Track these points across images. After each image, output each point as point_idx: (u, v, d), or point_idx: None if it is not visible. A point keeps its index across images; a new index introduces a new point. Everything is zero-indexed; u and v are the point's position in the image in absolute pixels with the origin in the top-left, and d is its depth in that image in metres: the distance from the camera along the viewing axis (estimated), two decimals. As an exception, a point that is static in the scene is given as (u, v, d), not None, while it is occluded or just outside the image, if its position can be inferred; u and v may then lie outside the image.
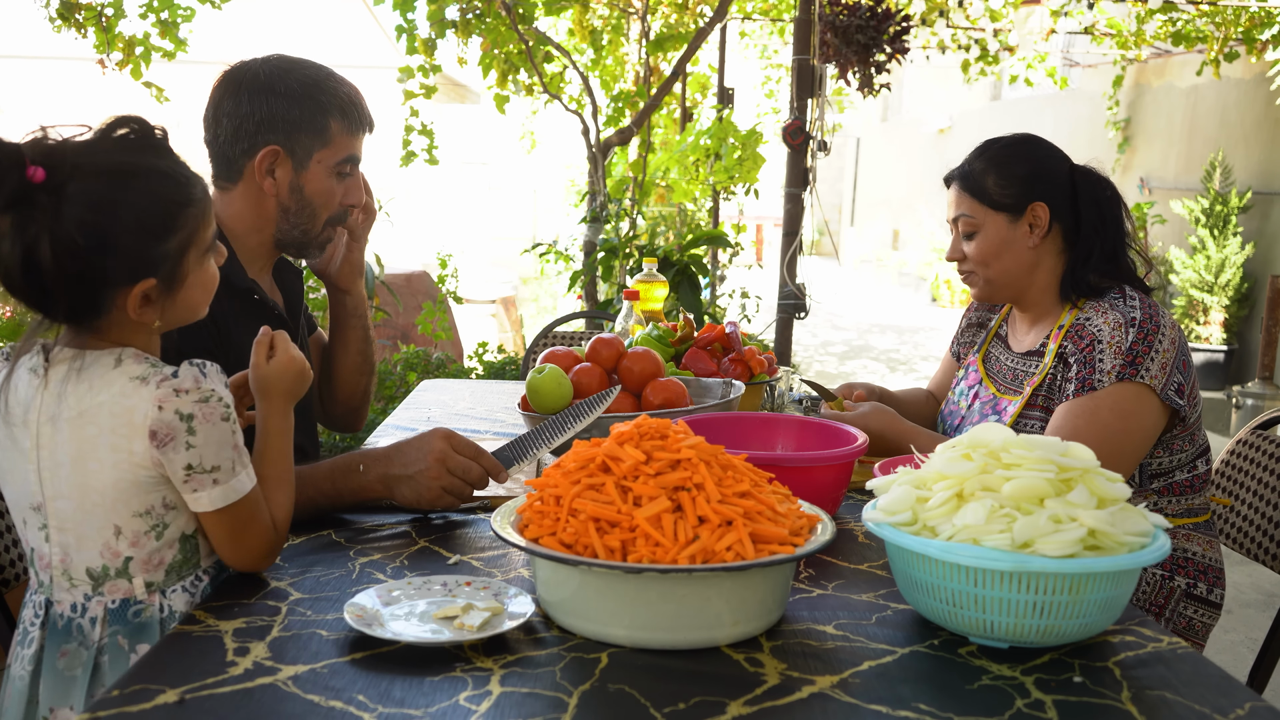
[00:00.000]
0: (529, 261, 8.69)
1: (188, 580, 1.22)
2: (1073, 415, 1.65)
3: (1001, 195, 1.77)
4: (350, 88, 1.64)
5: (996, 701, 0.95)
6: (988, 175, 1.79)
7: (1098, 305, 1.71)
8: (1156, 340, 1.64)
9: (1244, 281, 7.18)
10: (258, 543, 1.20)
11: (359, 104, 1.64)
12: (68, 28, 4.46)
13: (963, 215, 1.82)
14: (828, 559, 1.33)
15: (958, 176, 1.84)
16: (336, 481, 1.44)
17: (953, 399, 1.97)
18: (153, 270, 1.14)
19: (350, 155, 1.63)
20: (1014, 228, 1.78)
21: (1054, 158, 1.81)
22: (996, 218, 1.78)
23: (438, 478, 1.41)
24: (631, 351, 1.79)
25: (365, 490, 1.44)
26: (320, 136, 1.60)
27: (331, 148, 1.61)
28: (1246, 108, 7.63)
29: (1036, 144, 1.82)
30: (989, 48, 7.00)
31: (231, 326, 1.56)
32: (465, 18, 4.80)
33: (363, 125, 1.65)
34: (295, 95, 1.58)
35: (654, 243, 5.42)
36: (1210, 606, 1.73)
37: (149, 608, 1.19)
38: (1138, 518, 1.08)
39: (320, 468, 1.46)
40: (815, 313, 6.17)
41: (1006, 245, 1.79)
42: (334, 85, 1.61)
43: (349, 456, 1.47)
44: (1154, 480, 1.75)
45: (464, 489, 1.43)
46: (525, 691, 0.95)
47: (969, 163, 1.83)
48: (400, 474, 1.43)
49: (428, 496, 1.42)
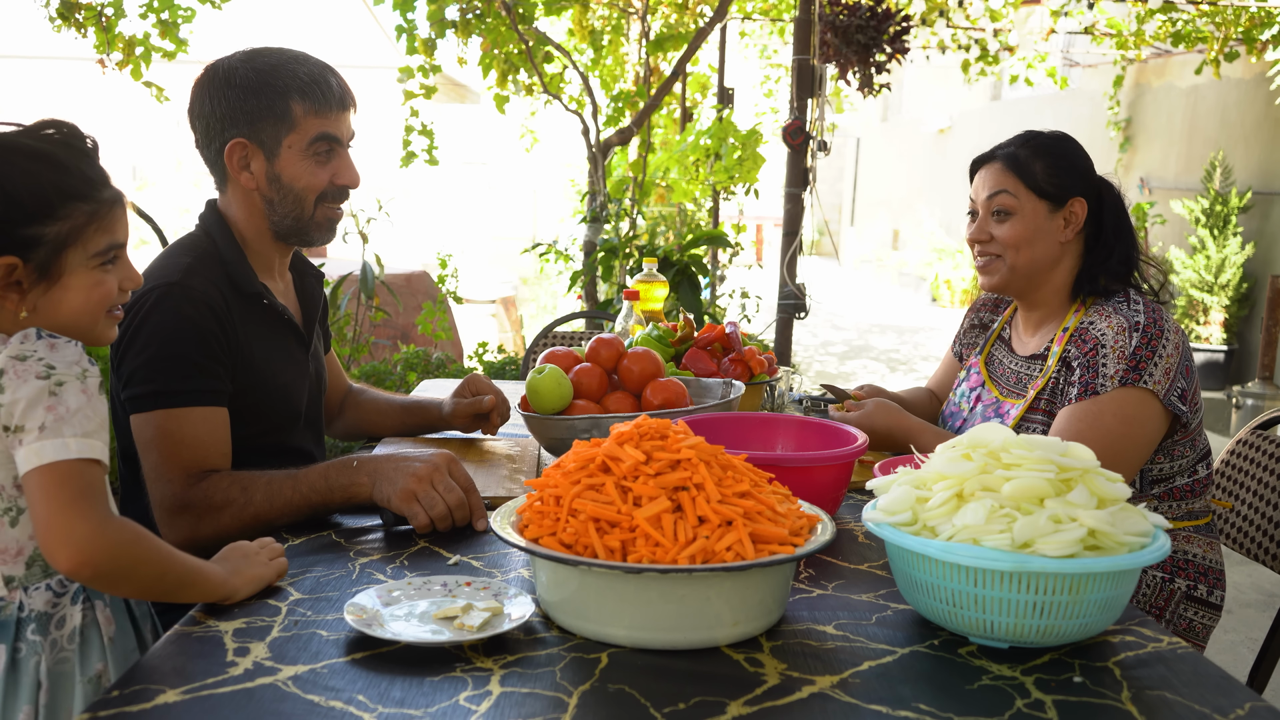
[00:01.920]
0: (529, 261, 8.69)
1: (55, 579, 1.15)
2: (1075, 419, 1.64)
3: (1048, 183, 1.76)
4: (313, 67, 1.59)
5: (996, 701, 0.95)
6: (1036, 160, 1.77)
7: (1102, 309, 1.71)
8: (1160, 345, 1.64)
9: (1244, 281, 7.18)
10: (70, 531, 1.02)
11: (322, 82, 1.58)
12: (68, 28, 4.46)
13: (1003, 192, 1.78)
14: (828, 559, 1.33)
15: (1001, 156, 1.81)
16: (330, 477, 1.43)
17: (954, 400, 1.97)
18: (19, 249, 1.11)
19: (322, 134, 1.58)
20: (1051, 218, 1.77)
21: (1088, 159, 1.81)
22: (1038, 204, 1.77)
23: (422, 479, 1.39)
24: (631, 351, 1.79)
25: (354, 486, 1.42)
26: (284, 120, 1.56)
27: (298, 131, 1.57)
28: (1246, 108, 7.63)
29: (1077, 143, 1.82)
30: (989, 48, 7.00)
31: (238, 330, 1.55)
32: (465, 18, 4.80)
33: (329, 103, 1.59)
34: (251, 85, 1.55)
35: (654, 243, 5.42)
36: (1210, 608, 1.73)
37: (8, 606, 1.12)
38: (1138, 518, 1.08)
39: (315, 467, 1.46)
40: (815, 313, 6.17)
41: (1040, 233, 1.77)
42: (293, 67, 1.57)
43: (345, 457, 1.47)
44: (1154, 485, 1.75)
45: (437, 503, 1.38)
46: (525, 691, 0.95)
47: (1014, 146, 1.81)
48: (389, 469, 1.41)
49: (400, 492, 1.38)
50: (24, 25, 8.83)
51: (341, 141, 1.63)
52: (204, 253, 1.59)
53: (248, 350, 1.57)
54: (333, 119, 1.60)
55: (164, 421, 1.45)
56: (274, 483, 1.43)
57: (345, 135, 1.63)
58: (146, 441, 1.46)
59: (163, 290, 1.49)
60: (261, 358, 1.59)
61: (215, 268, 1.57)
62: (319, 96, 1.57)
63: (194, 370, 1.47)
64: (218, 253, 1.60)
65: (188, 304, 1.49)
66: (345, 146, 1.64)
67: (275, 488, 1.43)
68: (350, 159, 1.65)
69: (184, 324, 1.48)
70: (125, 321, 1.49)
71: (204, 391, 1.48)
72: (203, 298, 1.50)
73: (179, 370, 1.46)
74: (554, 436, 1.70)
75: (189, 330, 1.48)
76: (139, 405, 1.47)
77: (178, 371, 1.46)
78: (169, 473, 1.44)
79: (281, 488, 1.43)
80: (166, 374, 1.46)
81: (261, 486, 1.43)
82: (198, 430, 1.47)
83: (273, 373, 1.62)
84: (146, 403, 1.46)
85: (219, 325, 1.51)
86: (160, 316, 1.48)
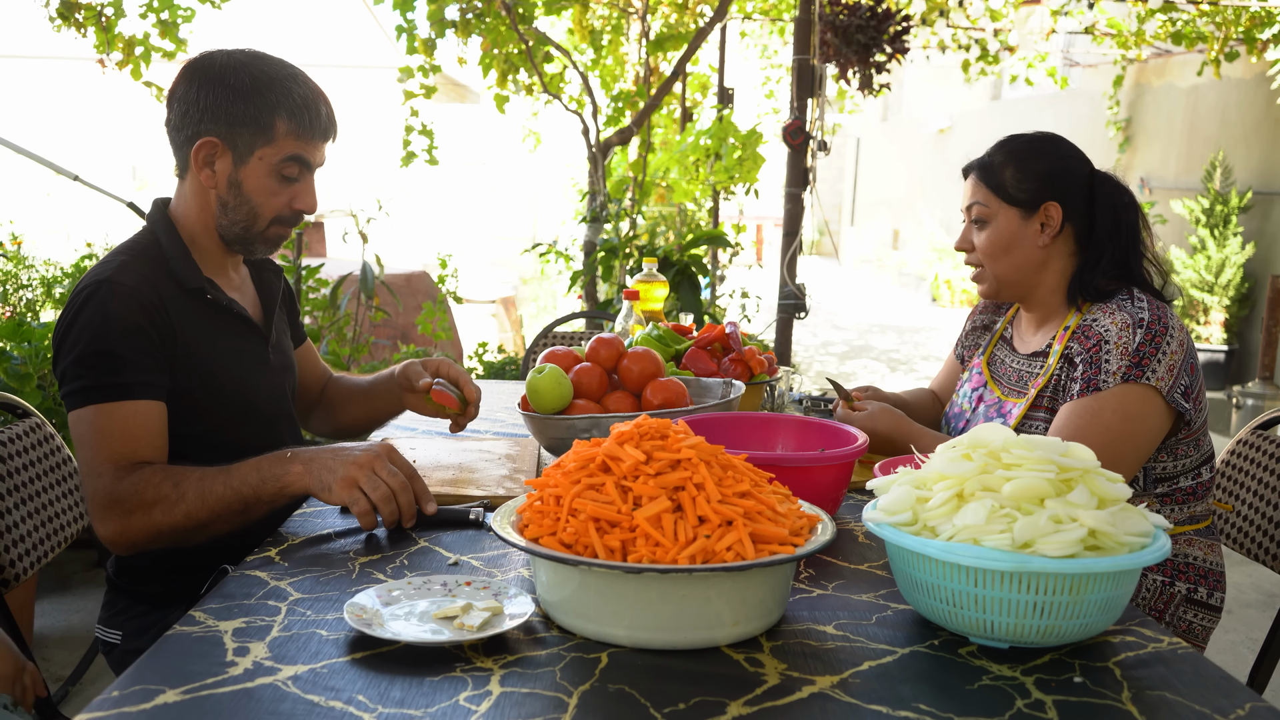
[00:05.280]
0: (529, 261, 8.69)
1: None
2: (1076, 415, 1.64)
3: (1017, 190, 1.77)
4: (308, 91, 1.58)
5: (996, 702, 0.95)
6: (1006, 168, 1.78)
7: (1105, 306, 1.71)
8: (1164, 342, 1.63)
9: (1244, 281, 7.18)
10: None
11: (314, 109, 1.58)
12: (68, 27, 4.47)
13: (976, 203, 1.81)
14: (828, 559, 1.33)
15: (976, 167, 1.83)
16: (262, 469, 1.41)
17: (957, 401, 1.97)
18: None
19: (296, 155, 1.58)
20: (1025, 224, 1.77)
21: (1074, 159, 1.80)
22: (1009, 211, 1.78)
23: (362, 466, 1.37)
24: (631, 351, 1.79)
25: (287, 476, 1.39)
26: (264, 133, 1.55)
27: (275, 146, 1.56)
28: (1246, 108, 7.63)
29: (1058, 143, 1.81)
30: (989, 47, 7.00)
31: (176, 325, 1.54)
32: (465, 18, 4.80)
33: (314, 130, 1.58)
34: (244, 90, 1.53)
35: (654, 243, 5.42)
36: (1210, 610, 1.72)
37: None
38: (1138, 518, 1.08)
39: (248, 460, 1.43)
40: (815, 313, 6.17)
41: (1015, 241, 1.78)
42: (289, 85, 1.56)
43: (279, 451, 1.44)
44: (1158, 485, 1.74)
45: (379, 486, 1.37)
46: (525, 691, 0.95)
47: (990, 154, 1.82)
48: (326, 457, 1.39)
49: (342, 480, 1.36)
50: (24, 25, 8.82)
51: (311, 167, 1.62)
52: (144, 250, 1.58)
53: (192, 345, 1.56)
54: (311, 146, 1.59)
55: (95, 417, 1.45)
56: (206, 477, 1.41)
57: (317, 162, 1.62)
58: (80, 437, 1.46)
59: (93, 288, 1.49)
60: (208, 353, 1.58)
61: (154, 264, 1.56)
62: (305, 121, 1.57)
63: (122, 365, 1.47)
64: (160, 249, 1.59)
65: (114, 300, 1.48)
66: (312, 172, 1.63)
67: (207, 483, 1.41)
68: (313, 185, 1.64)
69: (110, 319, 1.47)
70: (60, 319, 1.51)
71: (134, 385, 1.47)
72: (131, 293, 1.49)
73: (107, 365, 1.46)
74: (554, 436, 1.70)
75: (116, 326, 1.47)
76: (72, 402, 1.47)
77: (106, 366, 1.46)
78: (99, 466, 1.44)
79: (214, 483, 1.41)
80: (96, 369, 1.46)
81: (194, 481, 1.41)
82: (128, 424, 1.46)
83: (222, 367, 1.60)
84: (78, 399, 1.46)
85: (150, 320, 1.50)
86: (89, 313, 1.48)
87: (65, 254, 5.37)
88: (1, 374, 2.95)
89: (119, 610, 1.63)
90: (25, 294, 4.41)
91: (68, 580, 3.33)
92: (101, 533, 1.44)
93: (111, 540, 1.45)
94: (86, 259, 4.48)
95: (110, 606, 1.65)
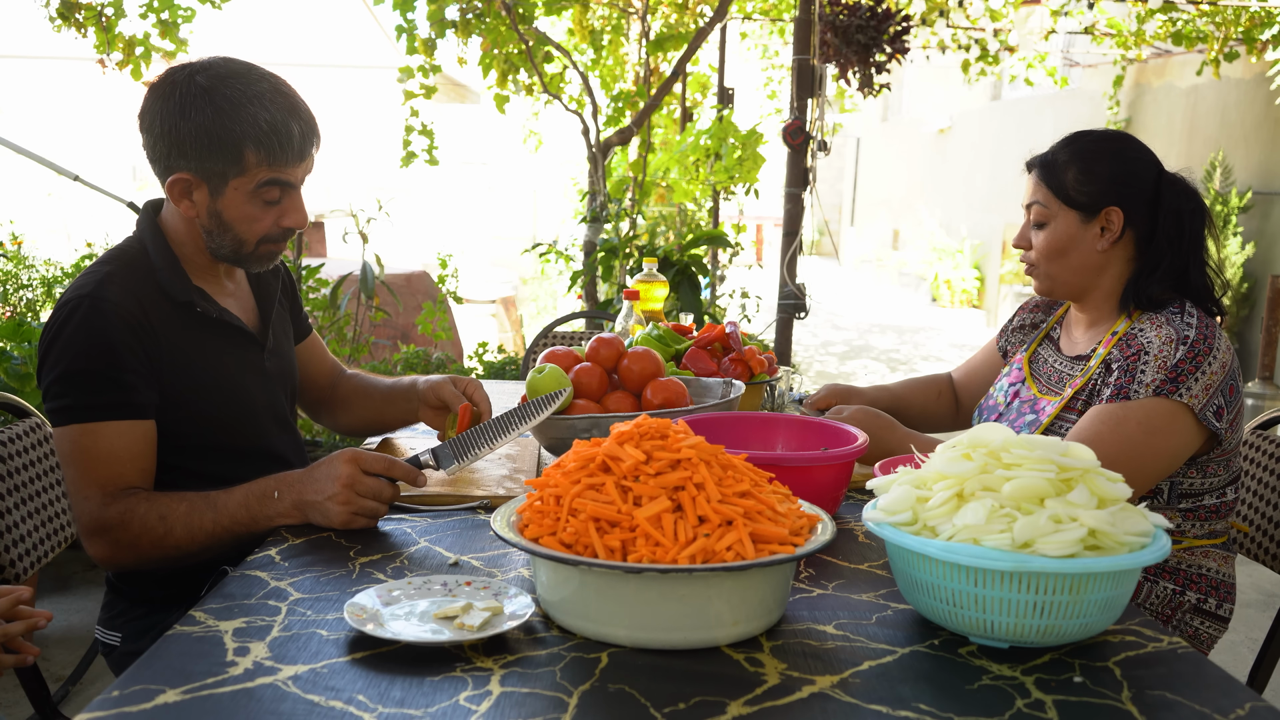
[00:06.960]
0: (529, 261, 8.69)
1: None
2: (1098, 419, 1.60)
3: (1078, 193, 1.71)
4: (276, 112, 1.49)
5: (996, 701, 0.95)
6: (1069, 169, 1.72)
7: (1154, 318, 1.66)
8: (1206, 362, 1.58)
9: (1244, 281, 7.18)
10: None
11: (284, 133, 1.49)
12: (68, 28, 4.46)
13: (1036, 203, 1.75)
14: (828, 559, 1.33)
15: (1039, 164, 1.77)
16: (251, 508, 1.41)
17: (993, 394, 1.93)
18: None
19: (271, 180, 1.51)
20: (1085, 228, 1.72)
21: (1142, 162, 1.73)
22: (1068, 214, 1.72)
23: (346, 503, 1.37)
24: (631, 351, 1.79)
25: (281, 516, 1.40)
26: (234, 165, 1.49)
27: (247, 176, 1.50)
28: (1246, 108, 7.63)
29: (1127, 144, 1.74)
30: (989, 47, 7.00)
31: (163, 338, 1.52)
32: (465, 18, 4.80)
33: (286, 156, 1.50)
34: (206, 124, 1.46)
35: (654, 243, 5.42)
36: (1218, 620, 1.70)
37: None
38: (1138, 518, 1.08)
39: (234, 494, 1.42)
40: (815, 313, 6.17)
41: (1073, 244, 1.73)
42: (254, 111, 1.47)
43: (263, 482, 1.43)
44: (1182, 500, 1.69)
45: (377, 509, 1.39)
46: (525, 691, 0.95)
47: (1054, 152, 1.76)
48: (312, 499, 1.39)
49: (338, 521, 1.38)
50: (24, 25, 8.82)
51: (294, 185, 1.56)
52: (130, 260, 1.55)
53: (180, 358, 1.53)
54: (287, 169, 1.53)
55: (79, 437, 1.44)
56: (194, 511, 1.41)
57: (298, 180, 1.56)
58: (65, 455, 1.45)
59: (75, 303, 1.46)
60: (199, 364, 1.56)
61: (141, 275, 1.53)
62: (274, 147, 1.49)
63: (106, 384, 1.44)
64: (148, 260, 1.55)
65: (98, 316, 1.45)
66: (297, 189, 1.57)
67: (195, 518, 1.41)
68: (300, 199, 1.58)
69: (94, 337, 1.44)
70: (43, 333, 1.48)
71: (118, 405, 1.45)
72: (114, 309, 1.46)
73: (90, 384, 1.44)
74: (554, 436, 1.69)
75: (99, 343, 1.44)
76: (56, 419, 1.45)
77: (89, 385, 1.44)
78: (85, 489, 1.43)
79: (201, 518, 1.41)
80: (79, 388, 1.44)
81: (181, 516, 1.41)
82: (113, 445, 1.44)
83: (213, 378, 1.58)
84: (61, 417, 1.44)
85: (134, 336, 1.47)
86: (72, 331, 1.45)
87: (65, 254, 5.37)
88: (1, 374, 2.95)
89: (119, 612, 1.63)
90: (25, 294, 4.42)
91: (68, 580, 3.33)
92: (91, 553, 1.45)
93: (101, 562, 1.46)
94: (86, 259, 4.48)
95: (110, 608, 1.65)
